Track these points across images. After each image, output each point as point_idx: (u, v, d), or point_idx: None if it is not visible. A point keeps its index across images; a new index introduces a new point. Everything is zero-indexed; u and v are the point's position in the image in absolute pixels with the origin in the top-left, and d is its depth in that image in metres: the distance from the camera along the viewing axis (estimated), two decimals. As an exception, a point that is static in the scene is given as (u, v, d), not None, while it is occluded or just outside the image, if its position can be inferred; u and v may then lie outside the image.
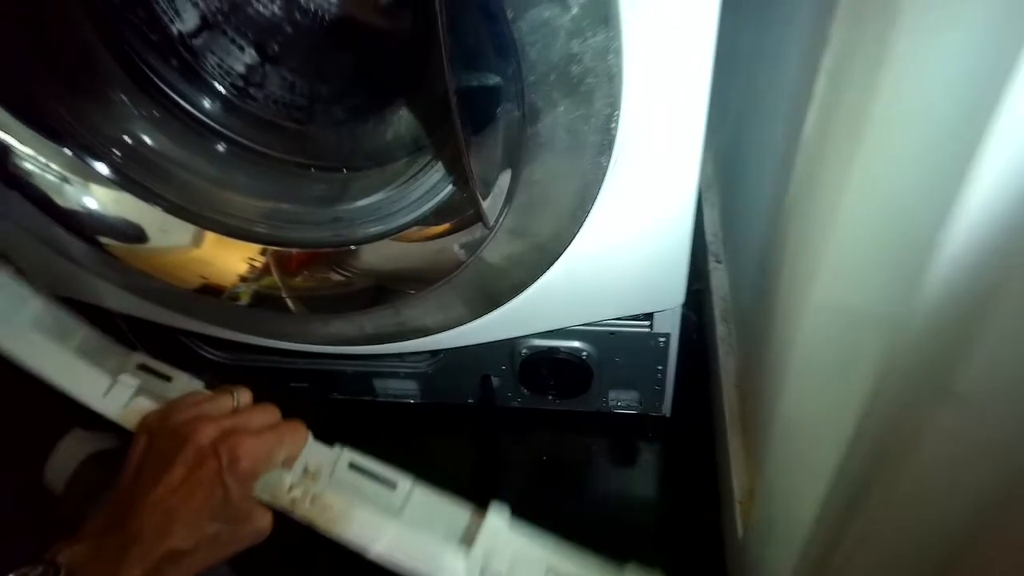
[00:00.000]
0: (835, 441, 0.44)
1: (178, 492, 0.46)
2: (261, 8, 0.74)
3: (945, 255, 0.29)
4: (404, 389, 0.86)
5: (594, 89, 0.42)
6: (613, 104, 0.43)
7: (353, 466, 0.52)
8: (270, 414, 0.53)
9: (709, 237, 0.96)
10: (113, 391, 0.55)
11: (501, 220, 0.50)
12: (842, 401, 0.42)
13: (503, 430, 0.87)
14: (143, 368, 0.59)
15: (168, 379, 0.59)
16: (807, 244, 0.49)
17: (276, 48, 0.74)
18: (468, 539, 0.50)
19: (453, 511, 0.52)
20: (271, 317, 0.65)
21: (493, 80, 0.42)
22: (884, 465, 0.41)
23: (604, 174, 0.47)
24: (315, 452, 0.52)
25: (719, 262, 0.91)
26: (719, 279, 0.89)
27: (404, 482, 0.52)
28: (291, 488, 0.49)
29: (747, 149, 0.79)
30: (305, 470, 0.51)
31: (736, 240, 0.87)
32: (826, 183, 0.44)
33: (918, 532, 0.43)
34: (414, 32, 0.59)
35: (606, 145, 0.45)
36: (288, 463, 0.50)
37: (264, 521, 0.49)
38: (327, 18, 0.77)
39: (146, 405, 0.55)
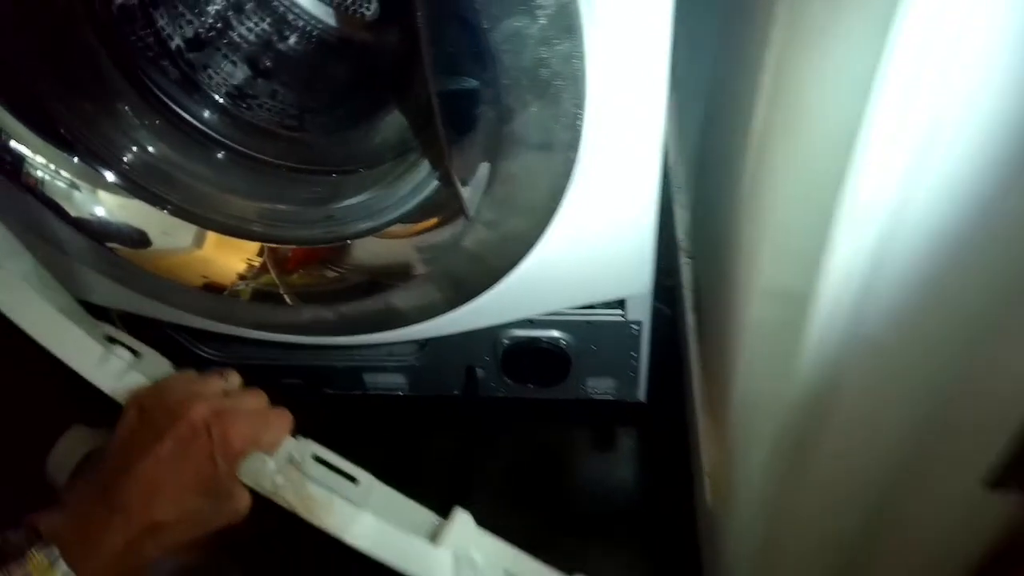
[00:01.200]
0: (775, 410, 0.49)
1: (167, 465, 0.46)
2: (252, 26, 0.80)
3: (840, 238, 0.34)
4: (393, 383, 0.90)
5: (561, 91, 0.47)
6: (579, 104, 0.48)
7: (317, 458, 0.54)
8: (259, 398, 0.54)
9: (680, 236, 1.01)
10: (108, 363, 0.55)
11: (480, 211, 0.55)
12: (781, 372, 0.47)
13: (488, 419, 0.91)
14: (111, 340, 0.59)
15: (137, 354, 0.59)
16: (752, 234, 0.54)
17: (268, 63, 0.79)
18: (439, 531, 0.52)
19: (416, 507, 0.54)
20: (265, 309, 0.69)
21: (471, 84, 0.47)
22: (815, 425, 0.46)
23: (573, 167, 0.52)
24: (295, 442, 0.54)
25: (690, 258, 0.96)
26: (689, 274, 0.94)
27: (365, 477, 0.54)
28: (275, 474, 0.50)
29: (714, 152, 0.84)
30: (290, 458, 0.52)
31: (704, 237, 0.93)
32: (764, 178, 0.50)
33: (849, 481, 0.48)
34: (399, 44, 0.65)
35: (574, 141, 0.50)
36: (271, 447, 0.51)
37: (244, 501, 0.50)
38: (315, 35, 0.82)
39: (138, 380, 0.55)
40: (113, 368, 0.55)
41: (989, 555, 0.51)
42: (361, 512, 0.49)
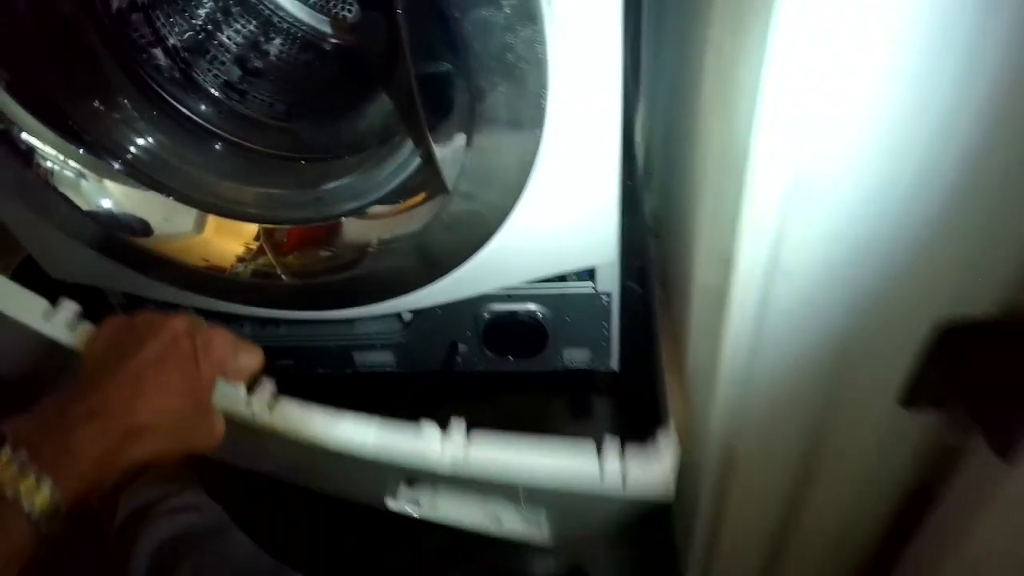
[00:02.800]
0: (718, 363, 0.55)
1: (151, 366, 0.45)
2: (239, 28, 0.85)
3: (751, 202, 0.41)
4: (381, 360, 0.96)
5: (526, 73, 0.53)
6: (542, 84, 0.54)
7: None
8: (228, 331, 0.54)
9: (649, 218, 1.08)
10: (57, 314, 0.53)
11: (458, 186, 0.61)
12: (718, 330, 0.53)
13: (470, 393, 0.97)
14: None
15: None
16: (698, 206, 0.61)
17: (257, 62, 0.85)
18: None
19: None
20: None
21: (446, 68, 0.53)
22: (746, 374, 0.52)
23: (539, 144, 0.58)
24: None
25: (657, 237, 1.03)
26: (656, 251, 1.01)
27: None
28: (249, 400, 0.52)
29: (675, 138, 0.91)
30: (261, 385, 0.54)
31: (668, 216, 1.00)
32: (705, 158, 0.57)
33: (783, 417, 0.54)
34: (381, 38, 0.70)
35: (539, 119, 0.56)
36: (244, 373, 0.52)
37: (220, 426, 0.50)
38: (299, 36, 0.88)
39: (90, 328, 0.54)
40: (63, 318, 0.53)
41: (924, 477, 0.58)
42: (342, 414, 0.52)
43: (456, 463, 0.52)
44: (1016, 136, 0.34)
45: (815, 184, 0.39)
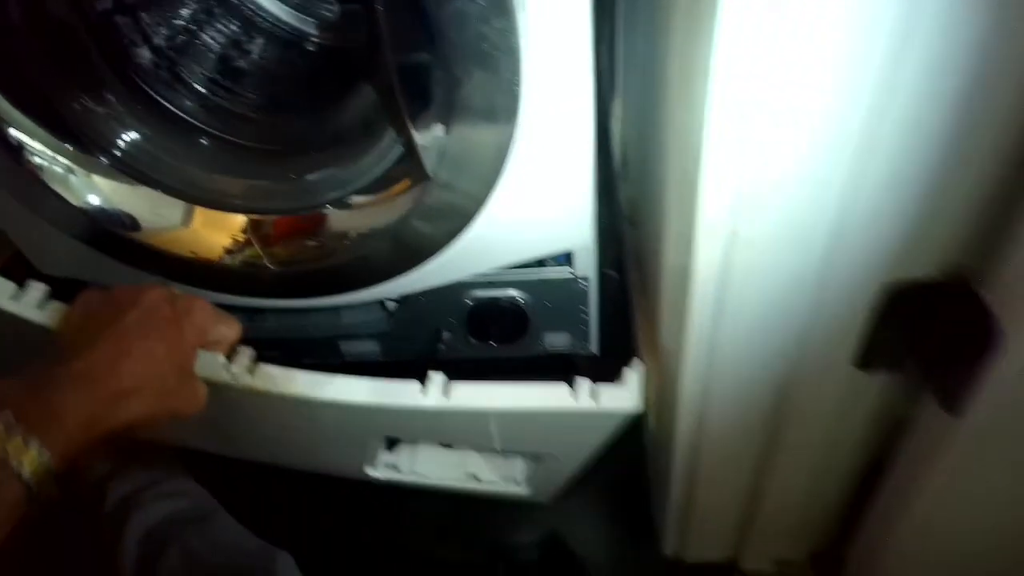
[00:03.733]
0: (682, 329, 0.58)
1: (135, 331, 0.46)
2: (222, 27, 0.87)
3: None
4: (368, 350, 0.98)
5: (500, 61, 0.56)
6: (516, 72, 0.57)
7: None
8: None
9: (625, 207, 1.11)
10: (25, 295, 0.53)
11: (438, 173, 0.64)
12: (682, 301, 0.56)
13: (453, 378, 0.99)
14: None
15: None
16: (667, 190, 0.64)
17: (240, 61, 0.87)
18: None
19: None
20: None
21: (424, 59, 0.56)
22: (710, 347, 0.56)
23: (515, 130, 0.61)
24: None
25: (633, 225, 1.06)
26: (632, 238, 1.04)
27: None
28: (229, 366, 0.53)
29: (648, 128, 0.95)
30: (240, 352, 0.55)
31: (642, 204, 1.03)
32: (670, 139, 0.60)
33: (748, 386, 0.58)
34: (363, 32, 0.73)
35: (513, 106, 0.59)
36: (224, 342, 0.54)
37: (202, 392, 0.51)
38: (281, 36, 0.90)
39: (60, 307, 0.53)
40: (32, 298, 0.53)
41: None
42: (321, 375, 0.54)
43: (439, 405, 0.53)
44: (935, 128, 0.38)
45: (764, 164, 0.42)
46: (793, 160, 0.41)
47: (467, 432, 0.63)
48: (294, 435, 0.67)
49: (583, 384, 0.54)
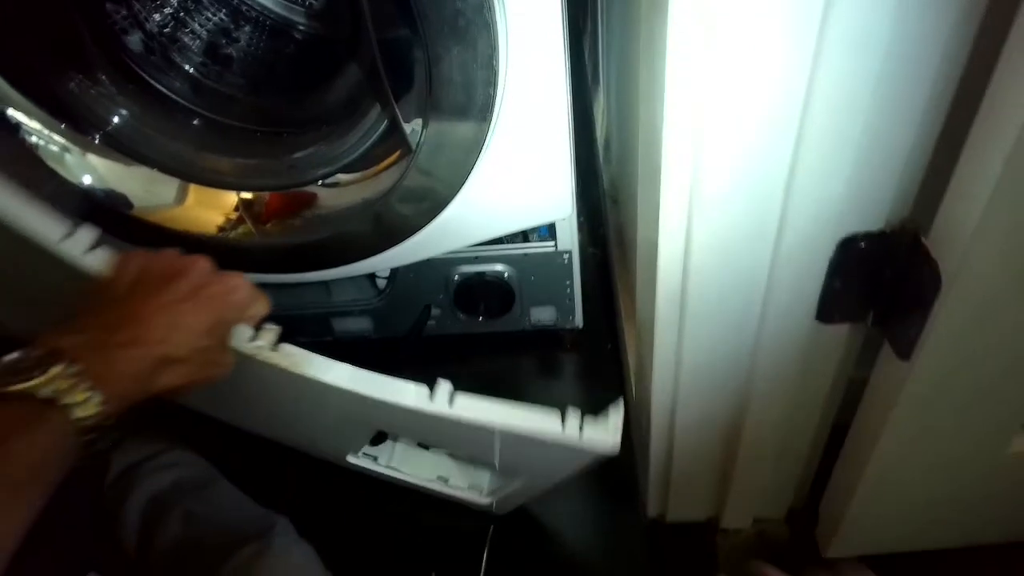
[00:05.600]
0: (652, 296, 0.61)
1: (183, 303, 0.48)
2: (210, 15, 0.90)
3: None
4: (360, 327, 1.01)
5: (476, 36, 0.59)
6: (493, 46, 0.60)
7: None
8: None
9: (607, 186, 1.14)
10: (74, 236, 0.54)
11: (421, 147, 0.66)
12: (653, 270, 0.59)
13: (444, 354, 1.02)
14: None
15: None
16: (637, 166, 0.67)
17: (228, 48, 0.90)
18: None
19: None
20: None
21: (404, 34, 0.59)
22: (680, 311, 0.58)
23: (494, 102, 0.64)
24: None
25: (615, 202, 1.09)
26: (613, 216, 1.07)
27: None
28: (254, 339, 0.55)
29: (624, 111, 0.97)
30: (267, 329, 0.56)
31: (622, 184, 1.06)
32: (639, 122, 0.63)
33: (715, 336, 0.61)
34: (346, 23, 0.75)
35: (491, 79, 0.62)
36: (255, 319, 0.56)
37: (231, 358, 0.53)
38: (268, 23, 0.93)
39: (107, 255, 0.54)
40: (81, 241, 0.54)
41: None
42: (338, 362, 0.56)
43: (441, 411, 0.57)
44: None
45: (717, 131, 0.45)
46: (742, 127, 0.44)
47: (456, 438, 0.65)
48: (292, 413, 0.69)
49: (573, 416, 0.57)
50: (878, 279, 0.51)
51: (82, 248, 0.53)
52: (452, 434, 0.64)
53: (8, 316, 0.61)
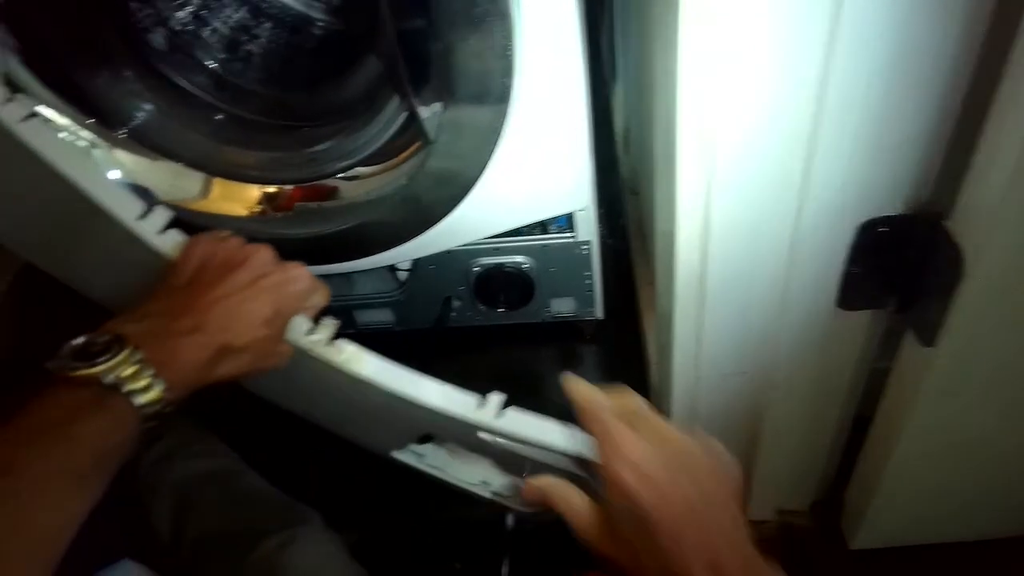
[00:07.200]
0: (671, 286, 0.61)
1: (243, 293, 0.49)
2: (231, 13, 0.91)
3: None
4: (382, 319, 1.02)
5: (492, 25, 0.59)
6: (508, 36, 0.60)
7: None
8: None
9: (626, 177, 1.14)
10: (150, 217, 0.56)
11: (439, 137, 0.67)
12: (671, 261, 0.59)
13: (464, 346, 1.03)
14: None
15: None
16: (655, 158, 0.67)
17: (250, 44, 0.91)
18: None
19: None
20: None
21: (421, 24, 0.59)
22: (701, 294, 0.58)
23: (510, 92, 0.64)
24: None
25: (635, 194, 1.09)
26: (633, 207, 1.07)
27: None
28: (310, 332, 0.55)
29: (644, 103, 0.97)
30: (324, 323, 0.57)
31: (641, 176, 1.05)
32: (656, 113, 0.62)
33: (735, 325, 0.60)
34: (364, 17, 0.76)
35: (507, 68, 0.62)
36: (314, 310, 0.56)
37: (289, 349, 0.53)
38: (288, 20, 0.94)
39: (178, 237, 0.56)
40: (155, 222, 0.56)
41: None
42: (394, 364, 0.56)
43: (488, 422, 0.56)
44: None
45: (733, 115, 0.45)
46: (757, 110, 0.44)
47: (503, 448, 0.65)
48: (341, 403, 0.69)
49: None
50: (899, 264, 0.50)
51: (155, 228, 0.55)
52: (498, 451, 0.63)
53: (89, 283, 0.62)
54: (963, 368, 0.50)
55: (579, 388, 0.42)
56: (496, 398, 0.57)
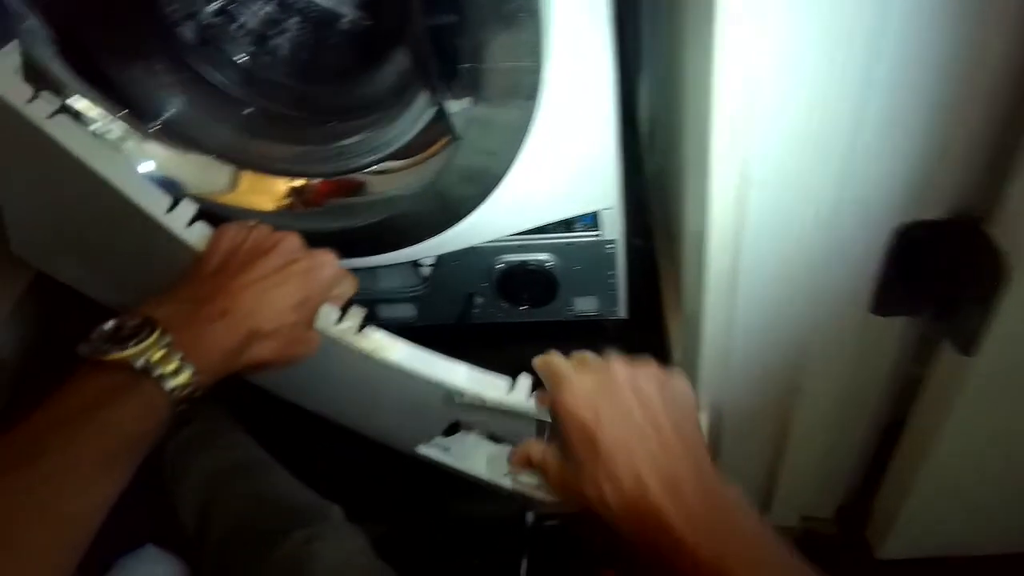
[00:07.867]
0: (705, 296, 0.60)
1: (272, 278, 0.49)
2: (259, 7, 0.91)
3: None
4: (405, 314, 1.02)
5: (524, 21, 0.58)
6: (538, 33, 0.59)
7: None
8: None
9: (653, 176, 1.13)
10: (177, 210, 0.56)
11: (467, 133, 0.66)
12: (701, 261, 0.58)
13: (485, 343, 1.02)
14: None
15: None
16: (686, 157, 0.66)
17: (278, 38, 0.91)
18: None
19: None
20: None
21: (451, 20, 0.59)
22: (733, 298, 0.57)
23: (539, 90, 0.63)
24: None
25: (660, 192, 1.08)
26: (659, 206, 1.06)
27: None
28: (340, 321, 0.55)
29: (671, 100, 0.96)
30: (352, 312, 0.57)
31: (669, 175, 1.04)
32: (687, 121, 0.61)
33: (766, 331, 0.59)
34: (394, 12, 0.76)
35: (536, 66, 0.61)
36: (342, 298, 0.56)
37: (317, 339, 0.53)
38: (315, 15, 0.94)
39: (205, 230, 0.56)
40: (183, 215, 0.56)
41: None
42: (426, 351, 0.56)
43: (519, 405, 0.56)
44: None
45: (770, 114, 0.44)
46: (795, 111, 0.43)
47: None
48: (369, 398, 0.70)
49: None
50: (936, 270, 0.49)
51: (183, 221, 0.55)
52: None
53: (112, 291, 0.63)
54: (1003, 378, 0.48)
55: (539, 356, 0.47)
56: (525, 381, 0.57)
